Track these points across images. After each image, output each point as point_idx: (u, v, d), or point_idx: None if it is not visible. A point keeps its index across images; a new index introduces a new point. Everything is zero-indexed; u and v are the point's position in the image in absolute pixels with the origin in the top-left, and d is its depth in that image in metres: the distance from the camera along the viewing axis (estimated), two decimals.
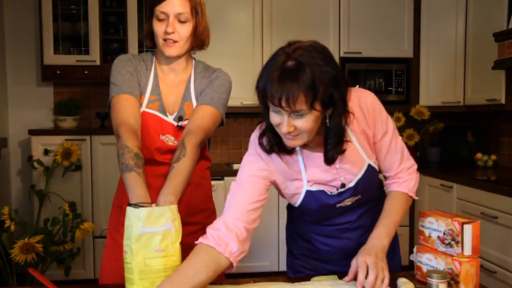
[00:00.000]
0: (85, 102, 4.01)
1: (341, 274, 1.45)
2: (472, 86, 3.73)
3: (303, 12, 3.84)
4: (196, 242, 1.23)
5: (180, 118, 1.62)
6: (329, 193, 1.41)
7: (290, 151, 1.35)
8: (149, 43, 1.67)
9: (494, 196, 2.81)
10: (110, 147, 3.55)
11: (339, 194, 1.42)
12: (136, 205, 1.25)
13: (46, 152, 3.46)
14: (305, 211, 1.48)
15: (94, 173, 3.57)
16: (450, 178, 3.29)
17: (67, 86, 4.00)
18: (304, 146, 1.36)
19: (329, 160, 1.32)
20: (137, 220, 1.13)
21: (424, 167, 3.79)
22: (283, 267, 3.65)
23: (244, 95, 3.84)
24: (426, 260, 1.41)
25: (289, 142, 1.27)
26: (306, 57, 1.18)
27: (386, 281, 1.25)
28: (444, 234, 1.36)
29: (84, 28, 3.71)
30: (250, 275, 1.42)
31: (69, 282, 3.27)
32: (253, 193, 1.33)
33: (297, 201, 1.44)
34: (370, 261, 1.25)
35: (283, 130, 1.22)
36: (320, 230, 1.54)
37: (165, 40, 1.56)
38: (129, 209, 1.16)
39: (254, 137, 1.40)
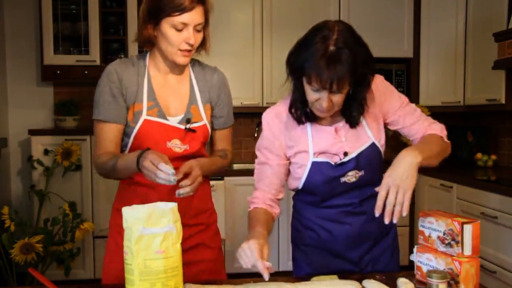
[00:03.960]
0: (85, 102, 4.00)
1: (341, 274, 1.46)
2: (472, 86, 3.73)
3: (303, 12, 3.84)
4: (250, 209, 1.52)
5: (188, 121, 1.61)
6: (332, 163, 1.49)
7: (318, 119, 1.51)
8: (149, 49, 1.63)
9: (494, 196, 2.81)
10: None
11: (342, 164, 1.49)
12: (142, 154, 1.39)
13: (46, 152, 3.46)
14: (311, 188, 1.54)
15: (94, 173, 3.56)
16: (450, 178, 3.29)
17: (67, 86, 3.99)
18: (315, 120, 1.51)
19: (355, 123, 1.49)
20: (137, 221, 1.12)
21: (424, 167, 3.79)
22: (283, 267, 3.65)
23: (244, 95, 3.85)
24: (426, 260, 1.41)
25: (321, 114, 1.44)
26: (345, 41, 1.32)
27: (405, 204, 1.29)
28: (444, 234, 1.36)
29: (84, 28, 3.71)
30: (250, 275, 1.42)
31: (69, 282, 3.27)
32: (282, 173, 1.56)
33: (303, 175, 1.52)
34: (392, 183, 1.30)
35: (323, 105, 1.38)
36: (323, 214, 1.56)
37: (181, 50, 1.54)
38: (126, 210, 1.15)
39: (267, 115, 1.55)
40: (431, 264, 1.39)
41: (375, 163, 1.54)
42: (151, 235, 1.13)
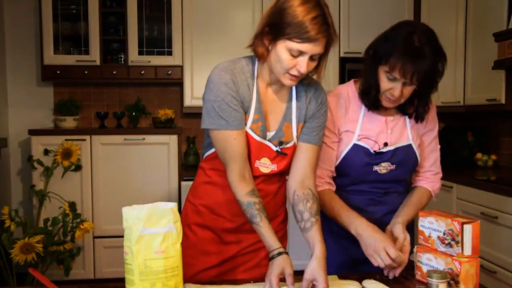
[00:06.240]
0: (85, 102, 4.01)
1: (341, 275, 1.46)
2: (472, 86, 3.72)
3: None
4: (322, 190, 1.61)
5: (280, 143, 1.53)
6: (372, 150, 1.61)
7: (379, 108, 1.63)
8: (263, 62, 1.51)
9: (494, 196, 2.81)
10: (110, 147, 3.55)
11: (380, 153, 1.61)
12: None
13: (46, 152, 3.46)
14: (344, 168, 1.65)
15: (94, 173, 3.56)
16: (450, 178, 3.29)
17: (67, 86, 3.99)
18: (379, 109, 1.63)
19: (421, 118, 1.64)
20: (137, 221, 1.13)
21: None
22: None
23: None
24: (426, 260, 1.41)
25: (389, 103, 1.57)
26: (428, 39, 1.47)
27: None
28: (444, 234, 1.36)
29: (84, 28, 3.71)
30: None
31: (69, 282, 3.27)
32: (336, 150, 1.66)
33: (342, 153, 1.63)
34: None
35: (395, 94, 1.51)
36: (348, 200, 1.62)
37: (290, 74, 1.41)
38: (126, 210, 1.15)
39: (329, 96, 1.62)
40: (431, 264, 1.39)
41: (407, 164, 1.66)
42: (151, 235, 1.13)
